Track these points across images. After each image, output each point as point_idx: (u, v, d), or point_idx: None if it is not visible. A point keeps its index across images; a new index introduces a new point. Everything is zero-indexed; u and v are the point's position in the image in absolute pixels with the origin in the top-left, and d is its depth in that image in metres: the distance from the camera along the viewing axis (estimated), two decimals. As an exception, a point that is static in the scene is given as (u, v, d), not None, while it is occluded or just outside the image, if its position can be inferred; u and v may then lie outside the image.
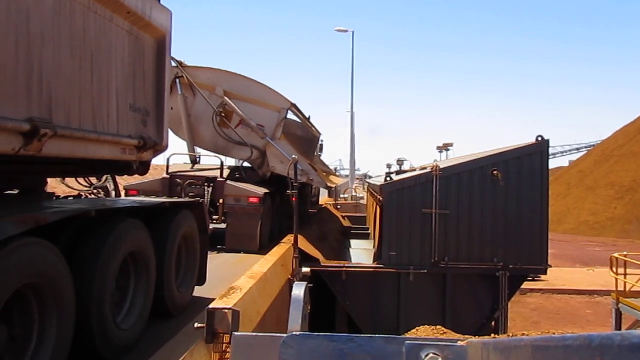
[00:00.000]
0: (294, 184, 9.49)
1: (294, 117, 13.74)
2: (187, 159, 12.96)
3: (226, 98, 12.14)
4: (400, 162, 16.28)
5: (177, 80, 12.11)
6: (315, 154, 16.79)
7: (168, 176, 11.53)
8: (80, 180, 9.03)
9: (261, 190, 11.55)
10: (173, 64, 12.08)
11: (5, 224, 3.33)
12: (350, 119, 34.56)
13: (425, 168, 12.66)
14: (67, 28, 4.21)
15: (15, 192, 5.24)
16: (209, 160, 12.79)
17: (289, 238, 11.15)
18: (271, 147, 12.24)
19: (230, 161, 14.36)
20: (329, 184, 13.29)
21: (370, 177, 37.70)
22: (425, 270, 11.11)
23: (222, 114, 12.16)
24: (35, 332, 3.64)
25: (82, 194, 8.35)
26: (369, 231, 19.10)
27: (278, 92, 12.60)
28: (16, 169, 4.60)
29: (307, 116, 14.81)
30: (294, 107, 13.10)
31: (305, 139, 14.81)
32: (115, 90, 5.09)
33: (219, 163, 12.19)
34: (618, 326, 11.54)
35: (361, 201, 26.22)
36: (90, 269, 4.35)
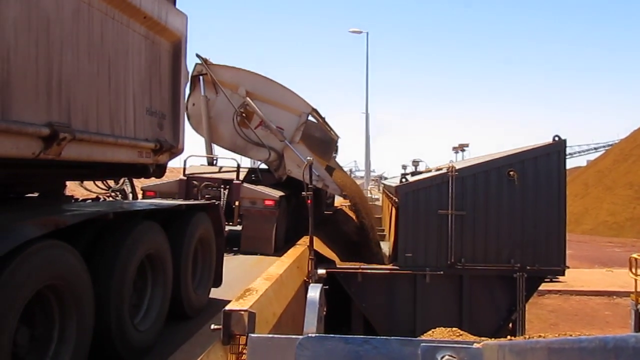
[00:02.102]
0: (309, 186, 9.41)
1: (313, 121, 13.87)
2: (204, 161, 13.08)
3: (248, 99, 12.18)
4: (415, 163, 16.15)
5: (201, 77, 12.27)
6: (332, 156, 16.91)
7: (185, 178, 11.62)
8: (99, 183, 9.14)
9: (277, 193, 11.60)
10: (198, 61, 12.32)
11: (26, 227, 3.39)
12: (365, 121, 34.55)
13: (441, 169, 12.55)
14: (86, 34, 4.28)
15: (36, 195, 5.34)
16: (226, 162, 12.93)
17: (305, 240, 11.10)
18: (289, 151, 12.27)
19: (246, 162, 14.49)
20: (344, 192, 13.34)
21: (385, 178, 37.40)
22: (442, 272, 11.02)
23: (243, 114, 12.19)
24: (56, 333, 3.69)
25: (101, 196, 8.46)
26: (384, 233, 19.01)
27: (300, 96, 12.67)
28: (36, 173, 4.67)
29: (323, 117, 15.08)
30: (314, 112, 13.16)
31: (324, 141, 14.85)
32: (132, 94, 5.17)
33: (235, 165, 12.25)
34: (637, 327, 11.36)
35: (377, 202, 26.07)
36: (108, 271, 4.40)
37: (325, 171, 12.94)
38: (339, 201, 15.45)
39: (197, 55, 12.30)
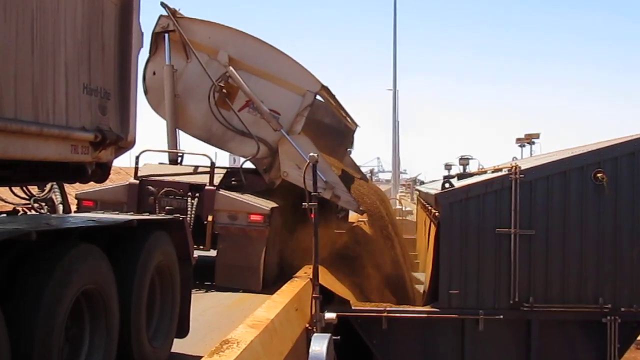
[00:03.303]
0: (313, 194, 9.45)
1: (322, 101, 13.93)
2: (164, 158, 13.09)
3: (231, 68, 12.19)
4: (464, 161, 15.95)
5: (166, 36, 12.34)
6: (347, 151, 16.88)
7: (137, 182, 11.71)
8: (17, 190, 9.19)
9: (267, 205, 11.66)
10: (164, 12, 12.28)
11: None
12: (392, 101, 34.67)
13: (500, 170, 12.57)
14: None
15: None
16: (196, 160, 12.96)
17: (307, 271, 11.19)
18: (286, 145, 12.27)
19: (224, 160, 14.57)
20: (363, 207, 13.42)
21: (421, 182, 37.24)
22: (502, 316, 10.99)
23: (224, 90, 12.25)
24: None
25: (20, 209, 8.42)
26: (418, 260, 18.89)
27: (305, 68, 12.66)
28: None
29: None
30: (325, 92, 13.19)
31: (336, 132, 15.00)
32: (63, 65, 5.16)
33: (209, 164, 12.25)
34: None
35: (409, 217, 26.10)
36: (29, 315, 4.38)
37: (335, 175, 12.92)
38: (354, 216, 15.49)
39: (163, 4, 12.36)
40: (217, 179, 12.08)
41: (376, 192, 15.84)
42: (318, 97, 13.13)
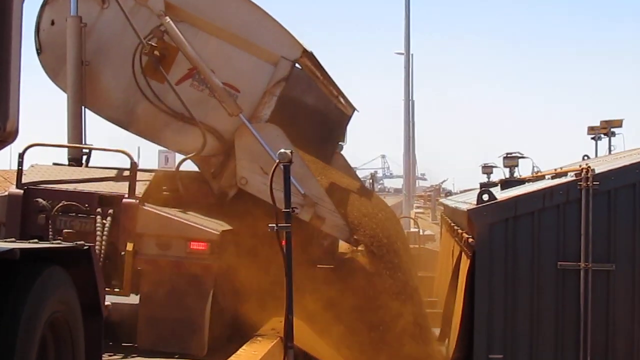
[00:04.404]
0: (285, 210, 9.48)
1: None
2: (62, 156, 13.07)
3: (168, 19, 12.21)
4: (511, 161, 15.71)
5: None
6: (338, 147, 16.88)
7: (20, 192, 11.63)
8: None
9: (216, 227, 11.77)
10: None
11: None
12: (404, 71, 34.58)
13: (564, 174, 12.59)
14: None
15: None
16: (109, 159, 13.12)
17: (275, 326, 11.28)
18: (246, 137, 12.42)
19: (151, 158, 14.45)
20: (356, 237, 13.38)
21: (448, 193, 36.81)
22: (568, 393, 11.15)
23: (156, 52, 12.28)
24: None
25: None
26: (437, 309, 18.65)
27: (281, 26, 12.75)
28: None
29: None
30: (308, 60, 13.28)
31: (323, 116, 14.95)
32: None
33: (128, 165, 12.04)
34: None
35: (428, 244, 26.34)
36: None
37: (319, 185, 12.97)
38: (346, 246, 15.31)
39: None
40: (140, 188, 11.99)
41: (382, 211, 15.67)
42: (297, 67, 13.15)
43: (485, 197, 11.59)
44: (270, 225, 9.28)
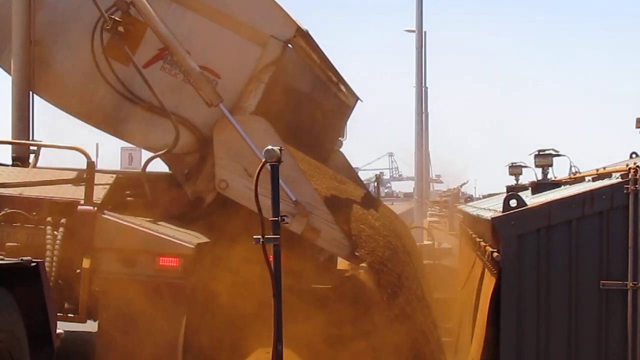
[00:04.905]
0: (272, 219, 9.41)
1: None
2: (5, 156, 13.23)
3: None
4: (544, 160, 15.57)
5: None
6: (338, 143, 17.35)
7: None
8: None
9: (191, 239, 11.74)
10: None
11: None
12: (417, 52, 34.59)
13: (608, 175, 12.53)
14: None
15: None
16: (62, 158, 13.15)
17: (262, 357, 11.57)
18: (227, 132, 12.39)
19: (113, 157, 14.30)
20: (358, 252, 13.27)
21: (469, 198, 36.79)
22: None
23: (120, 28, 12.29)
24: None
25: None
26: (450, 337, 18.93)
27: (273, 0, 12.92)
28: None
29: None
30: (303, 40, 13.43)
31: (320, 107, 15.24)
32: None
33: (84, 165, 12.11)
34: None
35: (444, 260, 26.76)
36: None
37: (314, 191, 12.95)
38: (346, 263, 15.20)
39: None
40: (99, 192, 12.05)
41: (390, 222, 15.67)
42: (290, 48, 13.21)
43: (513, 202, 11.52)
44: (255, 237, 9.09)
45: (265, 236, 9.09)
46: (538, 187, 14.00)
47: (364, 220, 13.92)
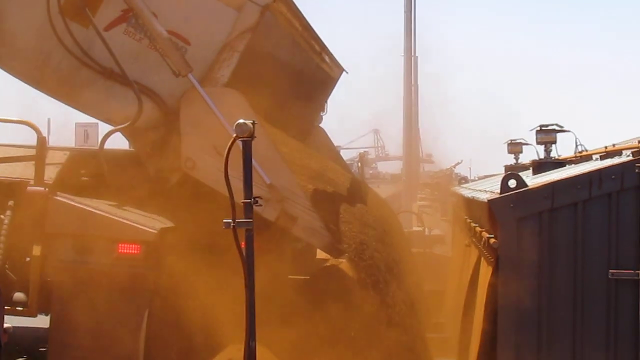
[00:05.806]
0: (244, 201, 9.02)
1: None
2: None
3: None
4: (547, 136, 15.99)
5: None
6: (317, 121, 17.36)
7: None
8: None
9: (153, 223, 11.62)
10: None
11: None
12: (405, 16, 34.48)
13: (617, 153, 12.45)
14: None
15: None
16: (10, 134, 13.17)
17: (232, 355, 11.15)
18: (196, 105, 11.99)
19: (66, 133, 14.44)
20: (340, 246, 13.04)
21: (464, 179, 37.56)
22: None
23: None
24: None
25: None
26: (444, 333, 19.13)
27: None
28: None
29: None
30: (282, 4, 13.21)
31: (301, 78, 14.82)
32: None
33: (34, 142, 12.26)
34: None
35: (436, 248, 26.81)
36: None
37: (291, 173, 12.62)
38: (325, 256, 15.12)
39: None
40: (51, 172, 12.13)
41: (376, 208, 15.59)
42: (269, 14, 12.70)
43: (512, 183, 11.39)
44: (225, 220, 8.89)
45: (237, 220, 8.77)
46: (540, 166, 14.50)
47: (345, 207, 13.74)
